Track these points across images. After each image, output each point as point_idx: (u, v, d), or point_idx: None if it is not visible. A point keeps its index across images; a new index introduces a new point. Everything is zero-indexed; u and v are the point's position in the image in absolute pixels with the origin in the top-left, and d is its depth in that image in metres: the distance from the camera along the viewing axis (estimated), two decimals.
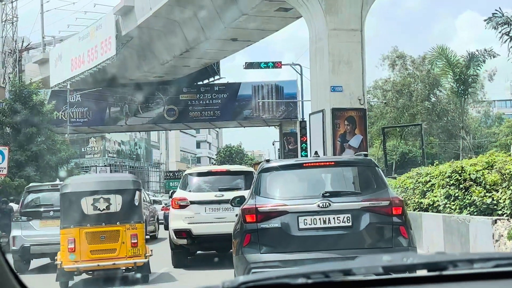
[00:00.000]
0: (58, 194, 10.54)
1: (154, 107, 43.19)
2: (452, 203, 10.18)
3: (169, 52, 37.27)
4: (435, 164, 12.60)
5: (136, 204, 9.92)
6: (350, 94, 23.56)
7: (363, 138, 24.19)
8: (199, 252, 13.18)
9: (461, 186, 9.95)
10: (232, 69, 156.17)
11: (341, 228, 6.52)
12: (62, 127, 38.38)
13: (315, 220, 6.52)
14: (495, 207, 9.14)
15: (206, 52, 36.72)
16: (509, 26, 26.09)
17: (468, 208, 9.61)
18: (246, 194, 7.65)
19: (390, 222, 6.55)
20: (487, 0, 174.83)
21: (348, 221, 6.52)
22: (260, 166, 7.32)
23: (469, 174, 9.73)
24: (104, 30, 37.37)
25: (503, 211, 8.97)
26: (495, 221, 8.19)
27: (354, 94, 23.64)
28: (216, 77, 43.90)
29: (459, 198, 9.98)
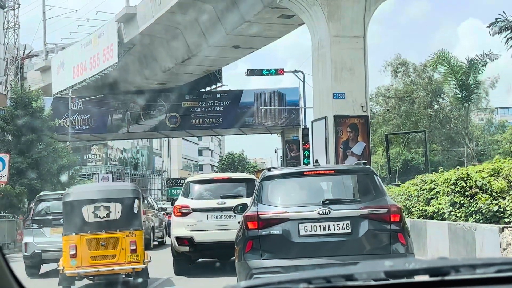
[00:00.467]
0: None
1: (156, 114, 43.07)
2: (458, 210, 10.02)
3: (171, 59, 37.22)
4: (439, 171, 12.44)
5: (135, 212, 10.13)
6: (353, 101, 23.44)
7: (366, 145, 24.04)
8: (200, 259, 13.10)
9: (466, 193, 9.80)
10: (234, 76, 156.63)
11: (340, 235, 6.65)
12: (64, 134, 38.32)
13: (315, 227, 6.65)
14: (502, 214, 9.00)
15: (208, 59, 36.66)
16: None
17: (473, 215, 9.46)
18: (248, 202, 7.72)
19: (388, 229, 6.69)
20: (489, 7, 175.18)
21: (347, 228, 6.65)
22: (262, 174, 7.46)
23: (475, 181, 9.57)
24: (106, 37, 37.36)
25: (510, 219, 8.83)
26: (503, 229, 8.05)
27: (357, 101, 23.52)
28: (218, 84, 43.77)
29: (464, 205, 9.82)
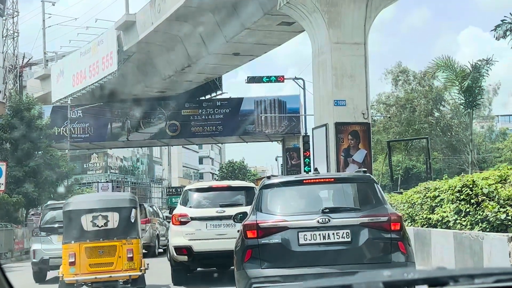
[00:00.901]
0: None
1: (156, 122, 42.87)
2: (463, 219, 9.76)
3: (170, 67, 37.05)
4: (444, 178, 12.18)
5: (132, 221, 10.39)
6: (354, 108, 23.24)
7: (367, 153, 23.80)
8: (199, 269, 12.88)
9: (472, 201, 9.54)
10: (235, 85, 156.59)
11: (340, 244, 6.59)
12: (63, 142, 38.11)
13: (315, 235, 6.59)
14: (510, 223, 8.74)
15: (208, 67, 36.50)
16: None
17: (480, 224, 9.20)
18: (248, 210, 7.64)
19: (389, 237, 6.64)
20: (489, 16, 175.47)
21: (347, 236, 6.59)
22: (262, 182, 7.39)
23: (481, 189, 9.31)
24: (105, 45, 37.23)
25: None
26: (511, 238, 7.79)
27: (358, 108, 23.31)
28: (218, 92, 43.55)
29: (470, 213, 9.56)
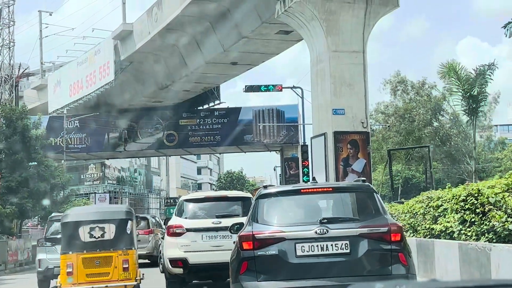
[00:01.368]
0: None
1: (154, 133, 42.56)
2: (468, 229, 9.41)
3: (168, 77, 36.80)
4: (447, 187, 11.84)
5: (129, 232, 10.64)
6: (353, 117, 22.97)
7: (366, 162, 23.50)
8: (194, 281, 12.54)
9: (477, 210, 9.19)
10: (233, 95, 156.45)
11: (339, 255, 6.41)
12: (59, 153, 37.77)
13: (312, 247, 6.42)
14: None
15: (206, 76, 36.28)
16: None
17: (486, 234, 8.85)
18: (245, 221, 7.39)
19: (389, 249, 6.45)
20: (487, 26, 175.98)
21: (346, 248, 6.42)
22: (258, 192, 7.22)
23: (487, 198, 8.97)
24: (102, 55, 36.98)
25: None
26: None
27: (357, 117, 23.03)
28: (216, 102, 43.28)
29: (475, 223, 9.21)
